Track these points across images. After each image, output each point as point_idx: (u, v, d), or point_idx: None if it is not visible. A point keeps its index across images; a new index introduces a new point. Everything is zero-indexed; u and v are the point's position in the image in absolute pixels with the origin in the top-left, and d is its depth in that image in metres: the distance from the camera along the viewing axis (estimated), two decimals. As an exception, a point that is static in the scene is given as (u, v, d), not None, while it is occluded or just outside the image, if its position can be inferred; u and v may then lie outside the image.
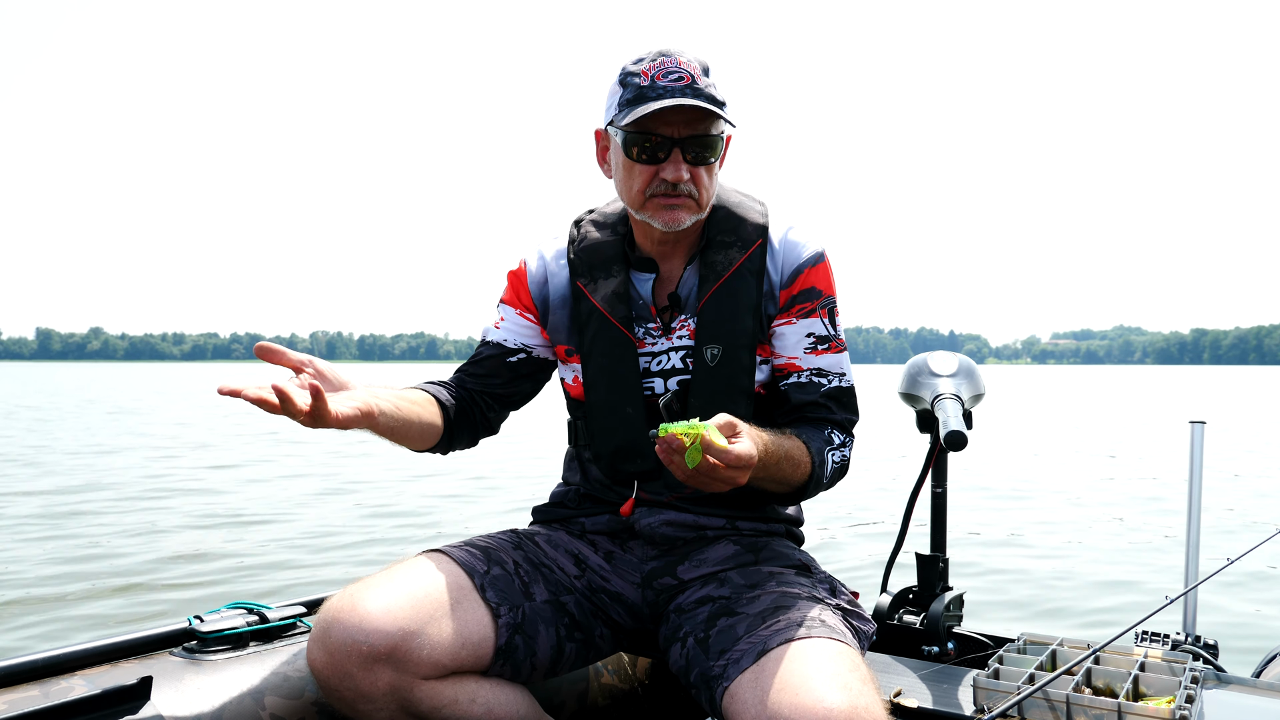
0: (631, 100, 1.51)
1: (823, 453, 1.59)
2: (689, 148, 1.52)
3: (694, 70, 1.51)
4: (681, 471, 1.31)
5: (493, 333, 1.77)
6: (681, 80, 1.49)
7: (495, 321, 1.77)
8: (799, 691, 1.22)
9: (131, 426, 18.48)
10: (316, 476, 10.26)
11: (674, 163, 1.52)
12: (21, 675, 1.40)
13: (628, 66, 1.54)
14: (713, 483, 1.33)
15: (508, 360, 1.75)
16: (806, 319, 1.65)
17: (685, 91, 1.49)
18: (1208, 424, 2.24)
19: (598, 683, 1.91)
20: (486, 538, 1.66)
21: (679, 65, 1.50)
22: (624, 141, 1.53)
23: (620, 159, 1.57)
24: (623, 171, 1.57)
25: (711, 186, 1.58)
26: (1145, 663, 1.75)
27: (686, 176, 1.52)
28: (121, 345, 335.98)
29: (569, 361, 1.73)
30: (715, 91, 1.52)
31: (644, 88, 1.50)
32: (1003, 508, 8.15)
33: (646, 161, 1.53)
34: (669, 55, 1.51)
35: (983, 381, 2.16)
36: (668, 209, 1.55)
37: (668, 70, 1.50)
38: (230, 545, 6.26)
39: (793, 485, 1.56)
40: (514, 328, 1.75)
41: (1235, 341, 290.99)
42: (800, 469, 1.54)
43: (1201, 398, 37.07)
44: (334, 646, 1.36)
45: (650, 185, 1.54)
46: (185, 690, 1.43)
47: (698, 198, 1.56)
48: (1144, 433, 17.73)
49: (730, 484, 1.34)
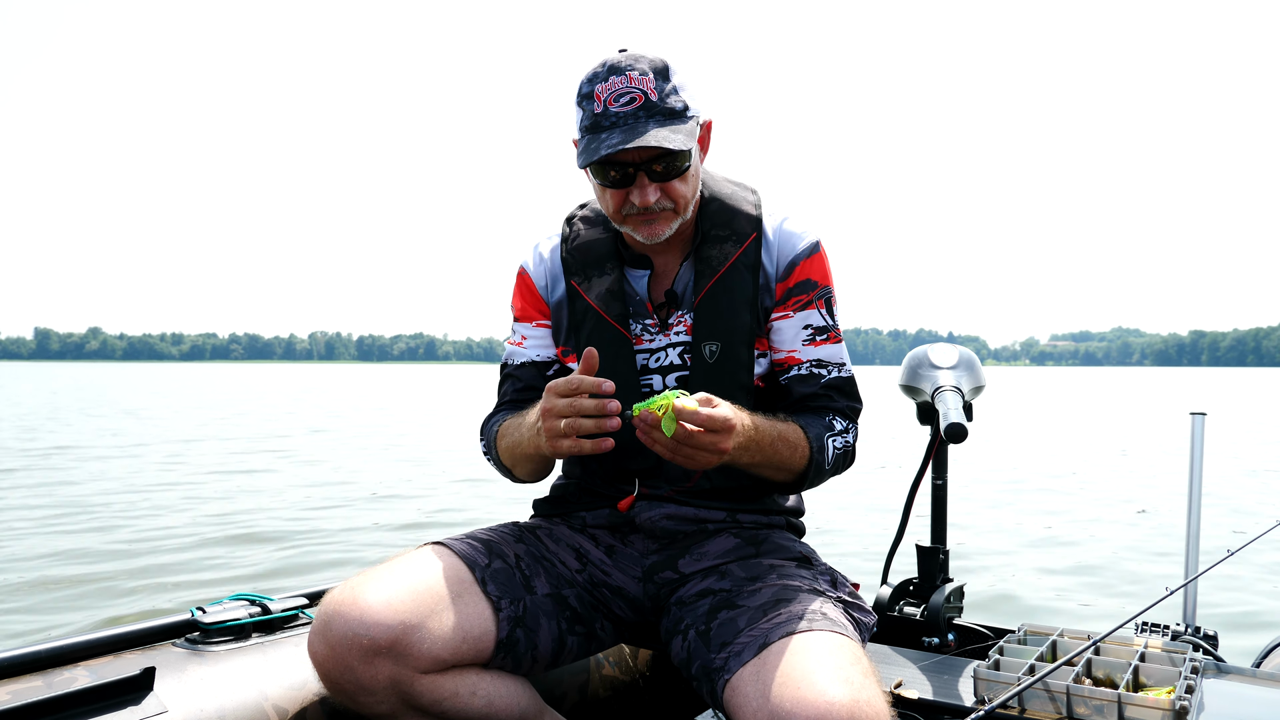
0: (589, 128, 1.50)
1: (822, 438, 1.59)
2: (653, 166, 1.51)
3: (647, 85, 1.48)
4: (665, 449, 1.32)
5: (520, 353, 1.76)
6: (634, 102, 1.48)
7: (517, 342, 1.76)
8: (801, 685, 1.22)
9: (137, 423, 18.49)
10: (318, 470, 10.27)
11: (640, 187, 1.52)
12: (25, 665, 1.40)
13: (583, 86, 1.52)
14: (697, 453, 1.34)
15: (546, 375, 1.75)
16: (804, 311, 1.65)
17: (639, 114, 1.47)
18: (1208, 416, 2.24)
19: (599, 674, 1.91)
20: (488, 531, 1.66)
21: (630, 84, 1.48)
22: (590, 169, 1.54)
23: (592, 180, 1.58)
24: (597, 190, 1.59)
25: (691, 190, 1.58)
26: (1145, 653, 1.75)
27: (654, 198, 1.52)
28: (120, 345, 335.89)
29: (567, 361, 1.73)
30: (674, 99, 1.50)
31: (598, 115, 1.49)
32: (1003, 500, 8.15)
33: (615, 186, 1.53)
34: (620, 71, 1.49)
35: (983, 374, 2.17)
36: (646, 224, 1.56)
37: (619, 92, 1.48)
38: (233, 537, 6.26)
39: (792, 471, 1.56)
40: (538, 342, 1.75)
41: (1233, 343, 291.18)
42: (798, 452, 1.54)
43: (1200, 398, 37.06)
44: (335, 639, 1.36)
45: (623, 206, 1.55)
46: (188, 681, 1.44)
47: (675, 208, 1.56)
48: (1143, 429, 17.75)
49: (715, 452, 1.35)
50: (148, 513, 7.24)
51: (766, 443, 1.46)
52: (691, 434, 1.32)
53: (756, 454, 1.45)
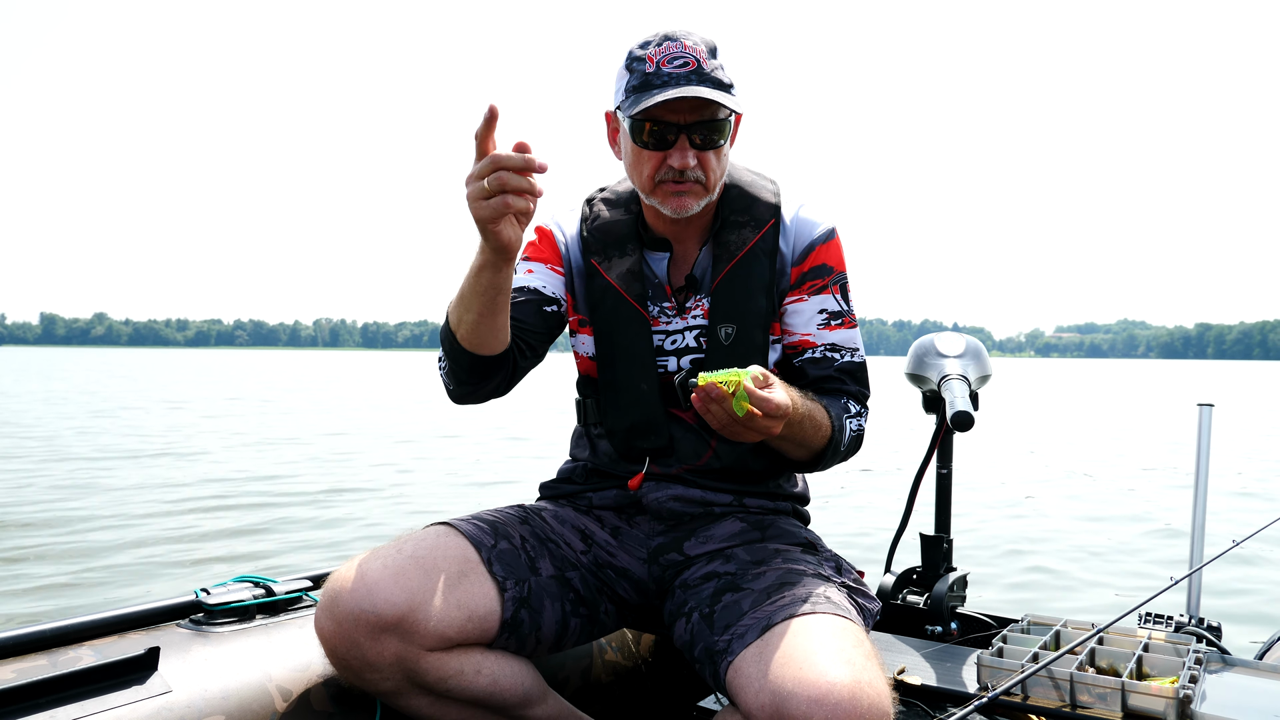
0: (638, 87, 1.51)
1: (841, 419, 1.60)
2: (695, 133, 1.52)
3: (700, 54, 1.50)
4: (718, 421, 1.33)
5: (526, 279, 1.70)
6: (687, 65, 1.49)
7: (524, 271, 1.71)
8: (802, 666, 1.22)
9: (147, 407, 18.54)
10: (323, 451, 10.29)
11: (680, 149, 1.52)
12: (30, 644, 1.41)
13: (634, 51, 1.54)
14: (747, 432, 1.36)
15: (544, 309, 1.69)
16: (818, 295, 1.66)
17: (690, 77, 1.49)
18: (1215, 406, 2.23)
19: (602, 659, 1.91)
20: (494, 512, 1.66)
21: (684, 50, 1.50)
22: (631, 129, 1.54)
23: (629, 145, 1.57)
24: (631, 157, 1.58)
25: (720, 169, 1.58)
26: (1149, 643, 1.75)
27: (693, 163, 1.53)
28: (125, 331, 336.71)
29: (580, 332, 1.73)
30: (722, 74, 1.52)
31: (649, 74, 1.50)
32: (1008, 490, 8.15)
33: (654, 148, 1.53)
34: (674, 39, 1.51)
35: (989, 363, 2.16)
36: (676, 195, 1.56)
37: (673, 56, 1.50)
38: (238, 519, 6.28)
39: (812, 449, 1.57)
40: (546, 278, 1.70)
41: (1239, 336, 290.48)
42: (821, 431, 1.54)
43: (1207, 390, 36.99)
44: (341, 616, 1.37)
45: (659, 171, 1.55)
46: (192, 661, 1.44)
47: (705, 182, 1.56)
48: (1148, 421, 17.71)
49: (765, 434, 1.37)
50: (156, 487, 7.27)
51: (798, 420, 1.47)
52: (752, 417, 1.32)
53: (788, 430, 1.46)
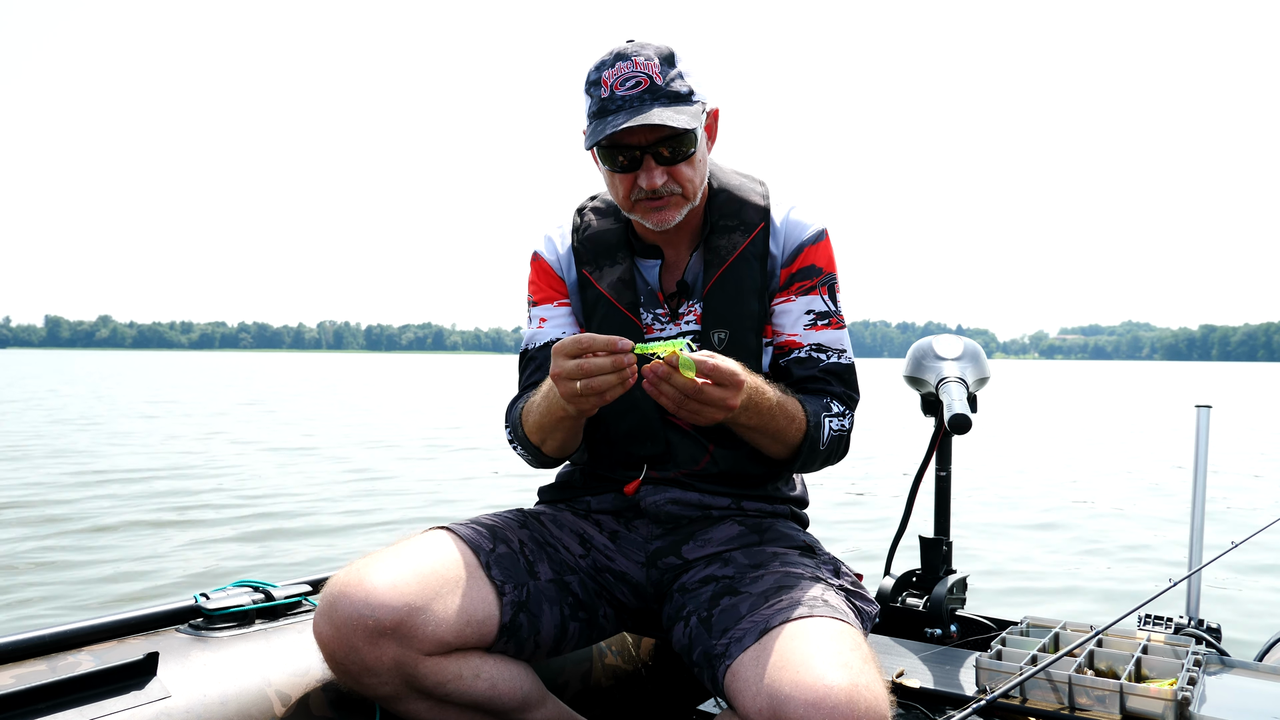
0: (596, 114, 1.52)
1: (819, 416, 1.59)
2: (660, 149, 1.52)
3: (653, 69, 1.50)
4: (672, 400, 1.33)
5: (542, 335, 1.73)
6: (639, 86, 1.49)
7: (537, 326, 1.74)
8: (800, 669, 1.22)
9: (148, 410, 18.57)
10: (322, 458, 10.30)
11: (647, 170, 1.52)
12: (29, 650, 1.41)
13: (590, 74, 1.54)
14: (704, 408, 1.35)
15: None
16: (806, 296, 1.66)
17: (644, 98, 1.49)
18: (1214, 409, 2.23)
19: (601, 663, 1.92)
20: (493, 516, 1.66)
21: (635, 69, 1.50)
22: (598, 155, 1.55)
23: (601, 167, 1.59)
24: (605, 179, 1.60)
25: (699, 175, 1.58)
26: (1148, 645, 1.74)
27: (662, 181, 1.53)
28: (130, 333, 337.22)
29: None
30: (680, 83, 1.52)
31: (605, 100, 1.51)
32: (1007, 492, 8.14)
33: (621, 170, 1.54)
34: (626, 57, 1.51)
35: (987, 365, 2.16)
36: (655, 210, 1.56)
37: (625, 77, 1.50)
38: (237, 524, 6.29)
39: (788, 444, 1.57)
40: (559, 322, 1.73)
41: (1244, 338, 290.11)
42: (795, 424, 1.54)
43: (1210, 392, 36.94)
44: (340, 620, 1.37)
45: (632, 192, 1.56)
46: (191, 666, 1.44)
47: (683, 192, 1.56)
48: (1150, 423, 17.69)
49: (723, 408, 1.36)
50: (155, 494, 7.28)
51: (766, 407, 1.47)
52: (700, 388, 1.32)
53: (756, 416, 1.46)
